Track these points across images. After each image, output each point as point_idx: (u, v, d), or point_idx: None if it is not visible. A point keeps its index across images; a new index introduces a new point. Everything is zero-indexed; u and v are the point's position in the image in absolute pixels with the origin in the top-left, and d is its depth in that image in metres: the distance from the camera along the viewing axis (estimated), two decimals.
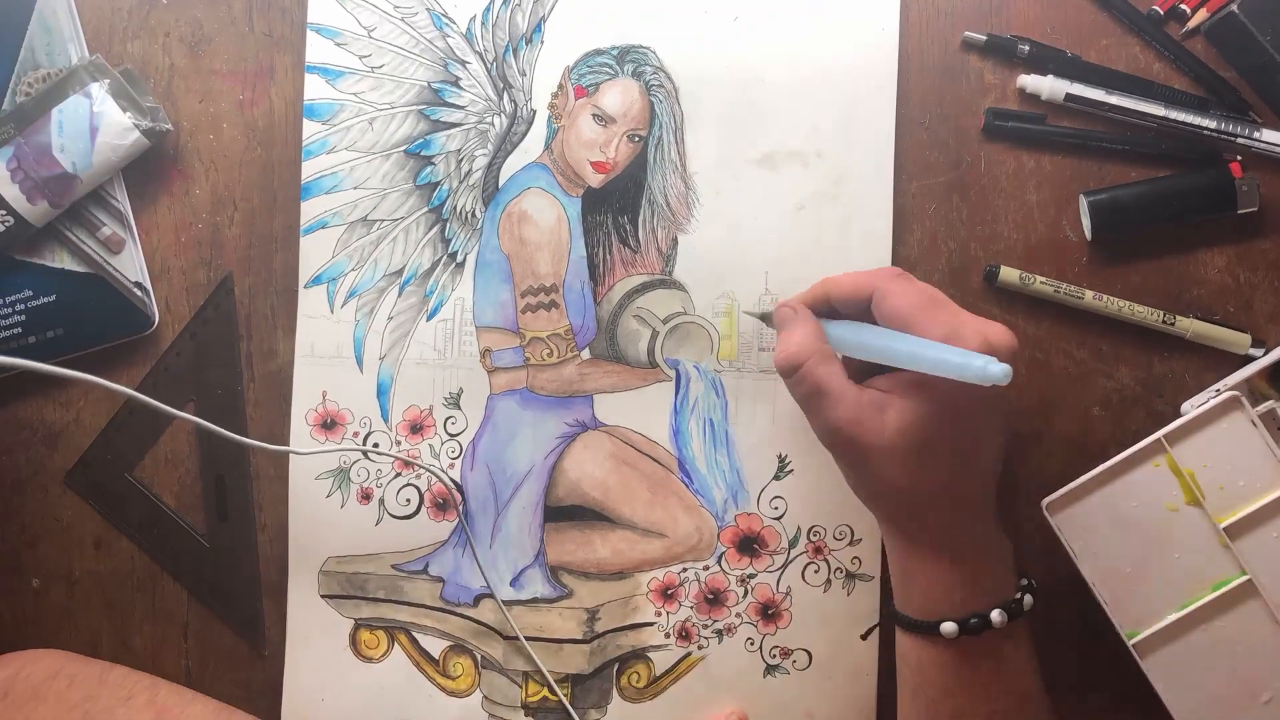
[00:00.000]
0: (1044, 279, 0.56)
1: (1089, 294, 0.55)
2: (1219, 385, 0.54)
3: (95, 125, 0.55)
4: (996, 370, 0.41)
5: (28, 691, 0.53)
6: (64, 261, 0.58)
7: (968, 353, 0.43)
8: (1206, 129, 0.54)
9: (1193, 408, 0.51)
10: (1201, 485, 0.49)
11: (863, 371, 0.49)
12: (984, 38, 0.56)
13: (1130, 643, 0.50)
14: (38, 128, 0.55)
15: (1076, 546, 0.50)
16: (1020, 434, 0.57)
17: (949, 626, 0.47)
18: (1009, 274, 0.56)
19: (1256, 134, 0.54)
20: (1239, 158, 0.54)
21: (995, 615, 0.46)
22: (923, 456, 0.46)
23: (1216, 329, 0.55)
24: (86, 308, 0.58)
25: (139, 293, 0.58)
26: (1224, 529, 0.49)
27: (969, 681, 0.47)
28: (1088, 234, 0.56)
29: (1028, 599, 0.48)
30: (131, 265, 0.58)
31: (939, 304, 0.46)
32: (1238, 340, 0.55)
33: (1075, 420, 0.57)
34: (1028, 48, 0.56)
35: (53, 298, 0.58)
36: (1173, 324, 0.55)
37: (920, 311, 0.46)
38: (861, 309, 0.49)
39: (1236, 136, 0.55)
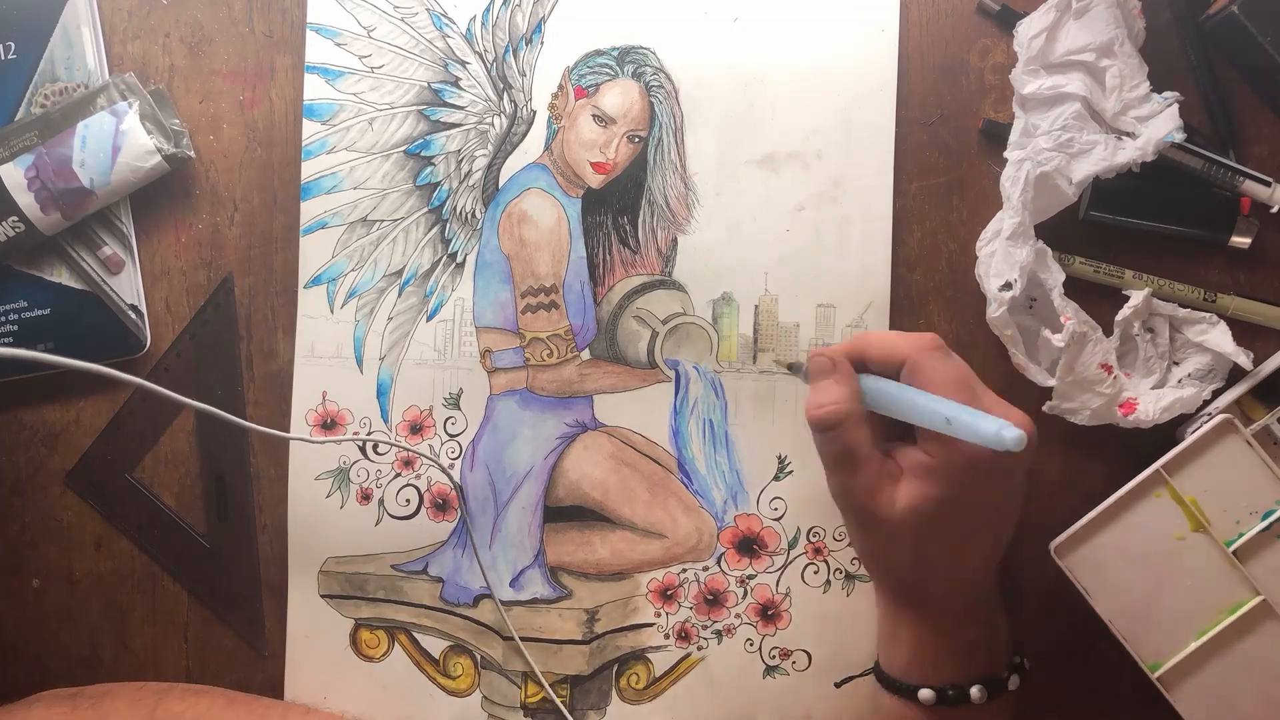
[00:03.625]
0: (1083, 259, 0.55)
1: (1129, 273, 0.55)
2: (1210, 409, 0.53)
3: (118, 145, 0.55)
4: (1010, 436, 0.40)
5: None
6: (62, 277, 0.58)
7: (984, 415, 0.42)
8: (1190, 169, 0.54)
9: (1187, 434, 0.51)
10: (1205, 511, 0.49)
11: (882, 427, 0.48)
12: (999, 6, 0.56)
13: (1154, 676, 0.49)
14: (61, 139, 0.55)
15: (1089, 586, 0.50)
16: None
17: (927, 694, 0.47)
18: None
19: (1238, 182, 0.54)
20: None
21: (975, 691, 0.46)
22: (927, 537, 0.46)
23: (1258, 305, 0.54)
24: (79, 325, 0.58)
25: (133, 315, 0.58)
26: (1233, 552, 0.49)
27: None
28: (1081, 212, 0.55)
29: (1014, 679, 0.48)
30: (129, 288, 0.58)
31: (968, 385, 0.45)
32: (1277, 316, 0.54)
33: None
34: None
35: (47, 311, 0.58)
36: (1213, 301, 0.54)
37: (948, 390, 0.45)
38: (892, 371, 0.47)
39: (1215, 183, 0.54)
